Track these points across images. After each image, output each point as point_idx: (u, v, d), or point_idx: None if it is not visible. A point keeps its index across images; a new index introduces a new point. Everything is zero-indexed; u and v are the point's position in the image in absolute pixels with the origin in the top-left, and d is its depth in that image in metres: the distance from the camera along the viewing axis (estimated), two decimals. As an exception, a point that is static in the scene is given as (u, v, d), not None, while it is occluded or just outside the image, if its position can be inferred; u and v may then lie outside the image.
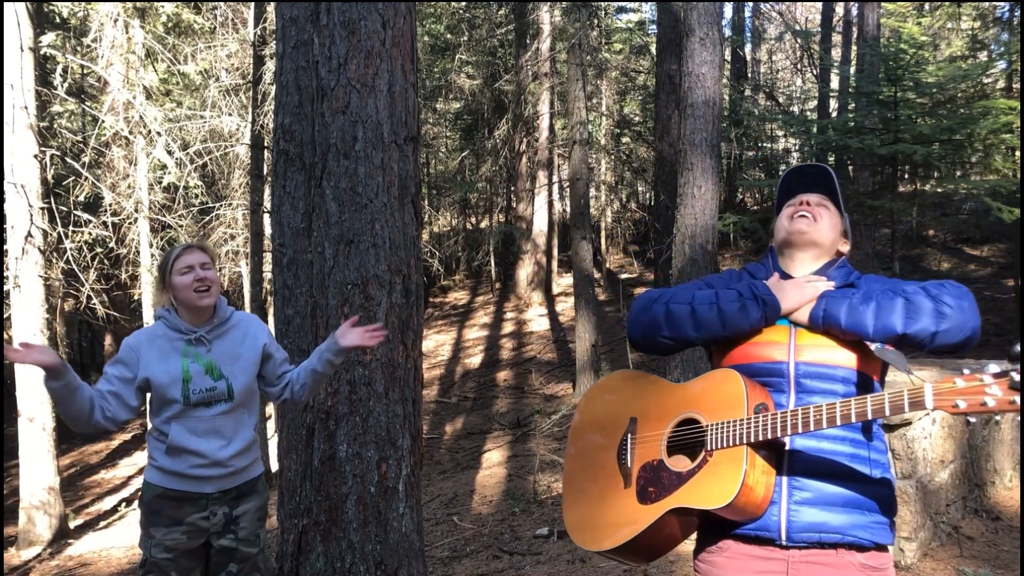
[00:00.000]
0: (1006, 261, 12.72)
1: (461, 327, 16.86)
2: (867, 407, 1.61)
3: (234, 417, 2.87)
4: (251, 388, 2.92)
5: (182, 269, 2.79)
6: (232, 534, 2.91)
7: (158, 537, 2.84)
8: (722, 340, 1.91)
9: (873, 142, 8.21)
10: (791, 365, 1.81)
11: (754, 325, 1.84)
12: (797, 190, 1.99)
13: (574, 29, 11.95)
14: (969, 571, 4.03)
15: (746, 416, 1.72)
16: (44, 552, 9.34)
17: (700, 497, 1.73)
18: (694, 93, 7.15)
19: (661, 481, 1.81)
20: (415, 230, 3.96)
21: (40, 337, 9.68)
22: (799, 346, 1.81)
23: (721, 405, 1.77)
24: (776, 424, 1.69)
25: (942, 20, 16.99)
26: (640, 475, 1.85)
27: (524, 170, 17.81)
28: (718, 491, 1.71)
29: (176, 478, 2.83)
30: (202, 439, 2.80)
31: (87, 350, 22.53)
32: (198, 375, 2.79)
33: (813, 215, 1.92)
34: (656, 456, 1.84)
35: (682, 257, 7.11)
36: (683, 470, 1.78)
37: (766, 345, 1.84)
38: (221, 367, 2.83)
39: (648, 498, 1.82)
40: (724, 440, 1.74)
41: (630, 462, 1.89)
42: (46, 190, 10.24)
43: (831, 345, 1.80)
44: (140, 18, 11.61)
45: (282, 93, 4.54)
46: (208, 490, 2.86)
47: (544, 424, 10.43)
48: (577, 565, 5.25)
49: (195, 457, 2.80)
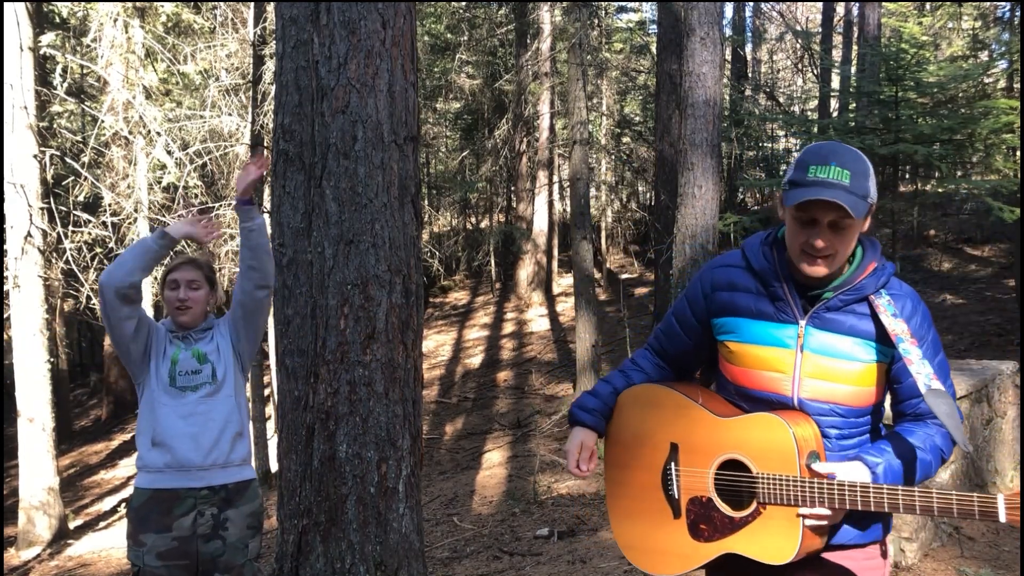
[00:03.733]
0: (1007, 261, 12.71)
1: (461, 327, 16.85)
2: (933, 504, 1.57)
3: (221, 400, 2.93)
4: (235, 372, 3.02)
5: (171, 283, 2.96)
6: (220, 539, 2.89)
7: (149, 544, 2.83)
8: (707, 350, 1.95)
9: (874, 142, 8.19)
10: (795, 400, 1.78)
11: None
12: (811, 208, 1.67)
13: (574, 29, 11.94)
14: (970, 571, 4.02)
15: (799, 476, 1.69)
16: (44, 552, 9.33)
17: (758, 550, 1.75)
18: (695, 93, 7.14)
19: (713, 521, 1.81)
20: (415, 230, 3.95)
21: (40, 337, 9.68)
22: (802, 378, 1.77)
23: (770, 455, 1.74)
24: (833, 497, 1.66)
25: (943, 20, 16.98)
26: (690, 509, 1.85)
27: (524, 170, 17.80)
28: (776, 548, 1.73)
29: (164, 474, 2.85)
30: (188, 423, 2.88)
31: (87, 350, 22.53)
32: (186, 359, 2.95)
33: (827, 255, 1.70)
34: (705, 493, 1.83)
35: (682, 257, 7.11)
36: (736, 516, 1.78)
37: (771, 374, 1.80)
38: (208, 354, 2.99)
39: (701, 535, 1.83)
40: (778, 498, 1.72)
41: (677, 492, 1.88)
42: (46, 190, 10.24)
43: (833, 377, 1.76)
44: (140, 18, 11.60)
45: (282, 93, 4.53)
46: (196, 485, 2.86)
47: (544, 424, 10.42)
48: (577, 566, 5.24)
49: (181, 442, 2.85)
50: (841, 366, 1.74)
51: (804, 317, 1.77)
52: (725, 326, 1.86)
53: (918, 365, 1.68)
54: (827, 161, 1.67)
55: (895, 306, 1.73)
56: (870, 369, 1.75)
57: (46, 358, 9.79)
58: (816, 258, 1.70)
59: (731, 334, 1.85)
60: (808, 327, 1.76)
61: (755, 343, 1.80)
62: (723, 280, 1.87)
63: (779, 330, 1.78)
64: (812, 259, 1.70)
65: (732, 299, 1.85)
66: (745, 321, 1.82)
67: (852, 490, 1.63)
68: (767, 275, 1.80)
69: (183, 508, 2.85)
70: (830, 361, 1.75)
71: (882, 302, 1.74)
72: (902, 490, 1.60)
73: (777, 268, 1.80)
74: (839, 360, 1.74)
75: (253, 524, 2.99)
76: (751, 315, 1.82)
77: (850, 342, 1.75)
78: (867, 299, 1.75)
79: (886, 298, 1.74)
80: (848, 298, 1.74)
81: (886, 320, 1.71)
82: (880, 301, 1.74)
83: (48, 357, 9.86)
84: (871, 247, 1.80)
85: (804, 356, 1.76)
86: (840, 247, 1.69)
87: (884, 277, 1.76)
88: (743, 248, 1.88)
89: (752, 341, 1.81)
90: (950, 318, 10.63)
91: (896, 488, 1.61)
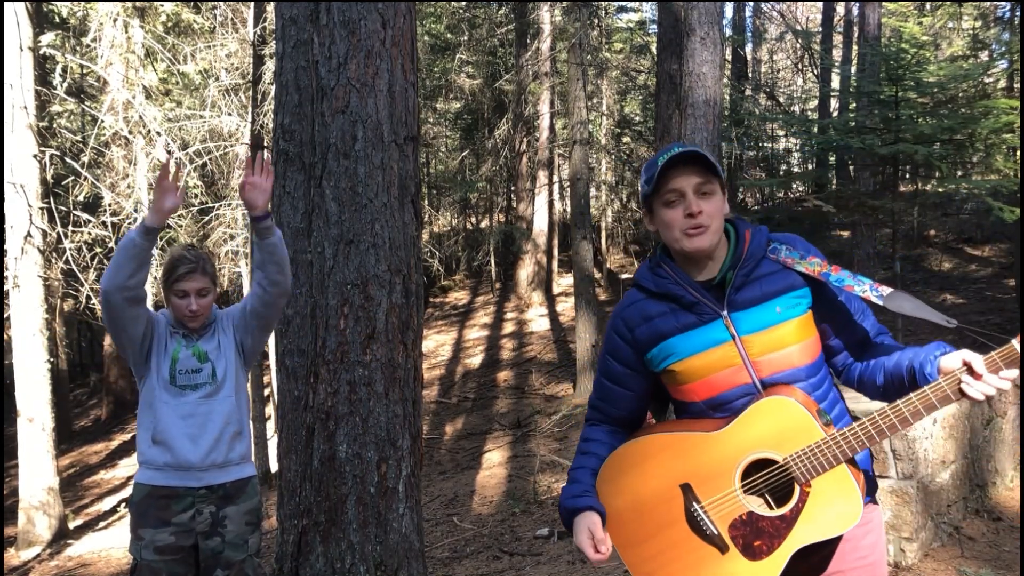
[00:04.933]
0: (1007, 261, 12.71)
1: (461, 327, 16.84)
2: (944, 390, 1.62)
3: (220, 400, 2.92)
4: (236, 370, 2.99)
5: (179, 292, 2.90)
6: (219, 536, 2.90)
7: (147, 538, 2.85)
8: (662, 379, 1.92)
9: (874, 142, 8.19)
10: (757, 383, 1.78)
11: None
12: (672, 175, 1.75)
13: (574, 29, 11.94)
14: (970, 571, 4.02)
15: (824, 434, 1.69)
16: (44, 552, 9.33)
17: (823, 528, 1.70)
18: (695, 93, 7.14)
19: (764, 532, 1.73)
20: (415, 230, 3.95)
21: (39, 337, 9.68)
22: (753, 360, 1.77)
23: (787, 435, 1.71)
24: (869, 432, 1.67)
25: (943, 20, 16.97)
26: (734, 535, 1.76)
27: (524, 170, 17.80)
28: (842, 515, 1.68)
29: (163, 472, 2.86)
30: (187, 423, 2.87)
31: (87, 350, 22.54)
32: (186, 357, 2.92)
33: (705, 223, 1.76)
34: (742, 510, 1.75)
35: (682, 257, 7.10)
36: (784, 512, 1.72)
37: (725, 371, 1.78)
38: (208, 352, 2.97)
39: (759, 553, 1.74)
40: (818, 467, 1.69)
41: (714, 528, 1.77)
42: (45, 190, 10.24)
43: (779, 344, 1.77)
44: (140, 18, 11.60)
45: (282, 93, 4.53)
46: (194, 484, 2.87)
47: (545, 424, 10.42)
48: (577, 566, 5.24)
49: (182, 443, 2.85)
50: (779, 332, 1.77)
51: (723, 307, 1.79)
52: (660, 353, 1.84)
53: (858, 285, 1.76)
54: (670, 147, 1.78)
55: (797, 251, 1.81)
56: (803, 320, 1.79)
57: (46, 358, 9.79)
58: (697, 229, 1.75)
59: (670, 357, 1.83)
60: (731, 314, 1.79)
61: (695, 353, 1.80)
62: (636, 317, 1.88)
63: (709, 330, 1.80)
64: (693, 232, 1.76)
65: (654, 328, 1.84)
66: (676, 339, 1.82)
67: (884, 416, 1.65)
68: (671, 290, 1.82)
69: (182, 505, 2.87)
70: (767, 333, 1.77)
71: (783, 255, 1.81)
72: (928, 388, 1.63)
73: (676, 278, 1.82)
74: (774, 327, 1.77)
75: (252, 520, 3.00)
76: (679, 331, 1.82)
77: (773, 307, 1.78)
78: (767, 260, 1.81)
79: (784, 248, 1.81)
80: (746, 270, 1.79)
81: (801, 267, 1.78)
82: (782, 255, 1.81)
83: (48, 357, 9.86)
84: (739, 221, 1.87)
85: (744, 341, 1.78)
86: (712, 213, 1.76)
87: (763, 236, 1.83)
88: (636, 282, 1.90)
89: (691, 352, 1.81)
90: (950, 318, 10.61)
91: (909, 398, 1.64)
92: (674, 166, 1.75)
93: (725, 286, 1.79)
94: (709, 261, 1.81)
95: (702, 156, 1.75)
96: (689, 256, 1.80)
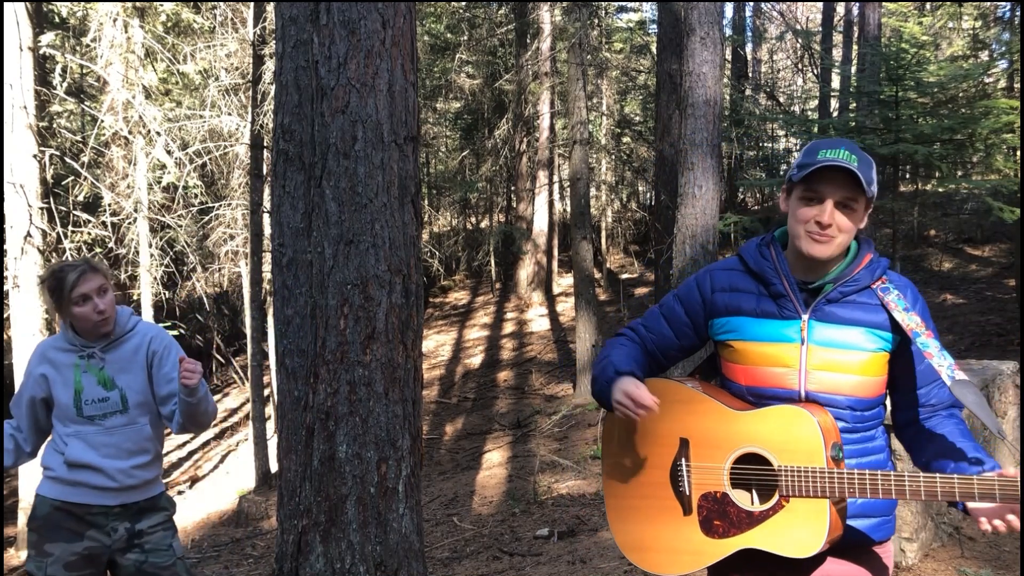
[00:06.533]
0: (1007, 261, 12.71)
1: (461, 327, 16.84)
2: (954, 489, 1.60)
3: (134, 429, 2.82)
4: (147, 397, 2.85)
5: (78, 299, 2.69)
6: (138, 548, 2.85)
7: (56, 553, 2.75)
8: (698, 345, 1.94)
9: (874, 142, 8.19)
10: (802, 394, 1.79)
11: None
12: (824, 176, 1.73)
13: (574, 28, 11.94)
14: (970, 571, 4.02)
15: (826, 467, 1.68)
16: (44, 552, 9.32)
17: (780, 544, 1.72)
18: (695, 93, 7.14)
19: (728, 516, 1.78)
20: (415, 230, 3.95)
21: (39, 337, 9.68)
22: (808, 371, 1.78)
23: (791, 447, 1.72)
24: (865, 487, 1.66)
25: (943, 20, 16.97)
26: (702, 505, 1.81)
27: (524, 170, 17.80)
28: (801, 541, 1.70)
29: (76, 489, 2.78)
30: (99, 453, 2.75)
31: (87, 350, 22.51)
32: (90, 386, 2.76)
33: (832, 235, 1.75)
34: (719, 488, 1.80)
35: (683, 257, 7.10)
36: (754, 510, 1.75)
37: (778, 369, 1.80)
38: (115, 378, 2.78)
39: (715, 532, 1.79)
40: (803, 490, 1.70)
41: (688, 489, 1.83)
42: (45, 190, 10.23)
43: (838, 368, 1.77)
44: (139, 17, 11.59)
45: (282, 93, 4.53)
46: (110, 502, 2.80)
47: (545, 424, 10.42)
48: (578, 566, 5.24)
49: (94, 473, 2.76)
50: (846, 357, 1.77)
51: (806, 311, 1.79)
52: (727, 326, 1.87)
53: (939, 358, 1.73)
54: (837, 146, 1.74)
55: (905, 300, 1.77)
56: (874, 359, 1.78)
57: (46, 358, 9.78)
58: (821, 237, 1.74)
59: (733, 333, 1.86)
60: (811, 321, 1.79)
61: (759, 340, 1.82)
62: (725, 282, 1.90)
63: (783, 326, 1.81)
64: (817, 237, 1.74)
65: (735, 300, 1.87)
66: (748, 320, 1.84)
67: (886, 479, 1.65)
68: (767, 273, 1.84)
69: (93, 526, 2.81)
70: (835, 353, 1.77)
71: (891, 297, 1.78)
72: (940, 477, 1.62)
73: (776, 265, 1.84)
74: (843, 351, 1.77)
75: (168, 526, 2.95)
76: (755, 314, 1.84)
77: (853, 332, 1.77)
78: (870, 290, 1.79)
79: (895, 293, 1.78)
80: (847, 290, 1.79)
81: (899, 316, 1.76)
82: (889, 297, 1.78)
83: (48, 357, 9.84)
84: (866, 242, 1.86)
85: (809, 349, 1.78)
86: (843, 228, 1.74)
87: (879, 269, 1.81)
88: (740, 252, 1.92)
89: (756, 339, 1.83)
90: (950, 318, 10.63)
91: (917, 474, 1.63)
92: (830, 170, 1.72)
93: (819, 294, 1.80)
94: (818, 265, 1.81)
95: (857, 175, 1.71)
96: (803, 257, 1.80)
